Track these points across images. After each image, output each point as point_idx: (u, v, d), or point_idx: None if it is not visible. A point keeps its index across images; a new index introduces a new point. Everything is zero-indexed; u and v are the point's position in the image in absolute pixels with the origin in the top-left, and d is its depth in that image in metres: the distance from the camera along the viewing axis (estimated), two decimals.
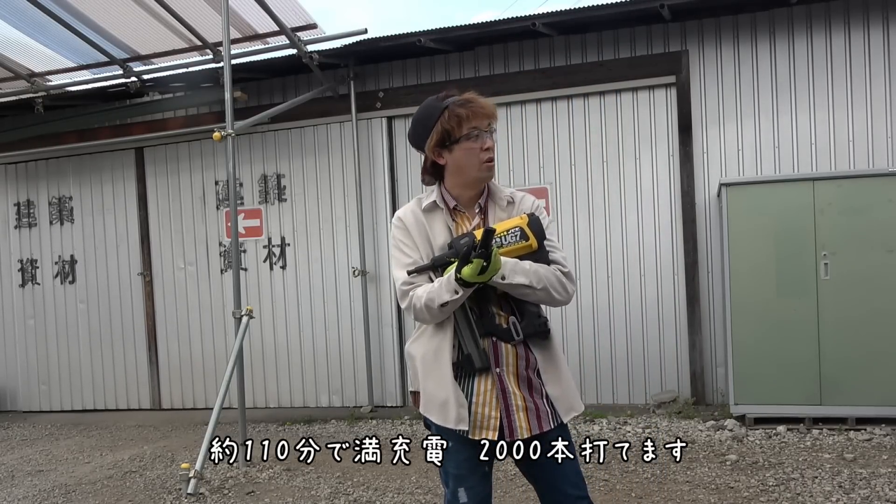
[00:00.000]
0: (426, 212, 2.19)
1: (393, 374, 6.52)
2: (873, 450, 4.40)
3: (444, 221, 2.16)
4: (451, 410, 2.07)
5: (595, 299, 5.97)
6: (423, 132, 2.14)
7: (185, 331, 7.12)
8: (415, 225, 2.18)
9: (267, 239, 6.81)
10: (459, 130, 2.08)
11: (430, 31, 5.75)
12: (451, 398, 2.08)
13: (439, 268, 2.08)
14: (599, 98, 5.96)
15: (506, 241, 2.04)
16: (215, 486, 4.55)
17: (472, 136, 2.09)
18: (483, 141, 2.10)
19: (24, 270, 7.63)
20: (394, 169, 6.48)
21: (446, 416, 2.09)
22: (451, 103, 2.09)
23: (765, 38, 5.59)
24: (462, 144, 2.09)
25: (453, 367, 2.09)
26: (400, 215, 2.22)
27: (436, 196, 2.20)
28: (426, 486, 4.28)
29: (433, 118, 2.11)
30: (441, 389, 2.10)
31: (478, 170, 2.12)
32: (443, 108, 2.09)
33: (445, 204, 2.18)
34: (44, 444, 6.17)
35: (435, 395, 2.12)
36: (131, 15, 5.90)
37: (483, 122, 2.11)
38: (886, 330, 4.75)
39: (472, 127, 2.08)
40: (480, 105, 2.10)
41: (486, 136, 2.11)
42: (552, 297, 2.10)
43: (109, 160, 7.30)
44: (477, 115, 2.09)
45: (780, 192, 4.96)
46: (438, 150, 2.13)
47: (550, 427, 2.10)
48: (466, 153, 2.10)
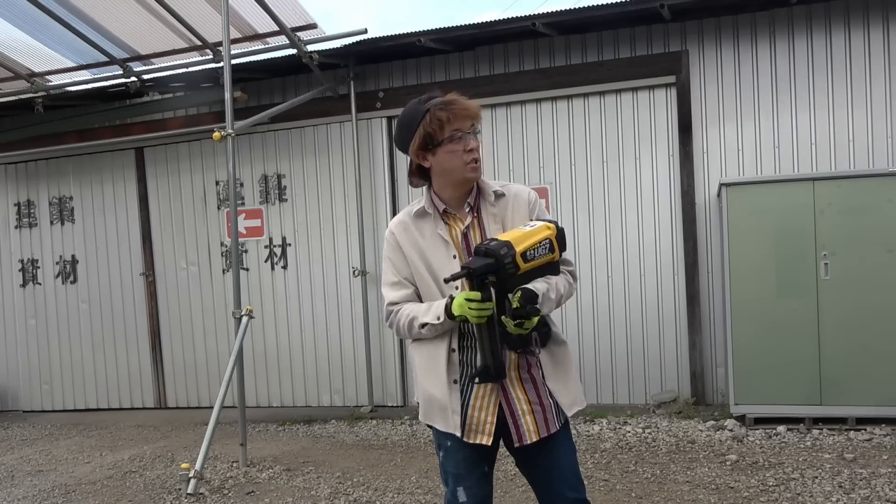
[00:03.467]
0: (417, 218, 2.19)
1: (393, 374, 6.52)
2: (873, 450, 4.40)
3: (434, 228, 2.16)
4: (447, 418, 2.10)
5: (595, 299, 5.97)
6: (406, 135, 2.12)
7: (189, 330, 7.12)
8: (406, 238, 2.18)
9: (268, 239, 6.82)
10: (441, 133, 2.06)
11: (429, 31, 5.75)
12: (448, 406, 2.10)
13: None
14: (599, 98, 5.96)
15: (536, 255, 1.96)
16: (215, 486, 4.56)
17: (454, 139, 2.07)
18: (466, 142, 2.08)
19: (24, 270, 7.64)
20: (394, 169, 6.48)
21: (445, 422, 2.11)
22: (432, 106, 2.07)
23: (765, 38, 5.58)
24: (445, 147, 2.08)
25: (450, 370, 2.11)
26: (392, 228, 2.22)
27: (425, 202, 2.19)
28: (426, 486, 4.28)
29: (416, 121, 2.09)
30: (440, 396, 2.11)
31: (462, 171, 2.11)
32: (424, 112, 2.07)
33: (435, 208, 2.17)
34: (44, 444, 6.17)
35: (433, 401, 2.14)
36: (131, 14, 5.91)
37: (465, 123, 2.08)
38: (886, 330, 4.74)
39: (454, 129, 2.06)
40: (462, 106, 2.08)
41: (468, 137, 2.09)
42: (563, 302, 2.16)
43: (110, 160, 7.30)
44: (459, 116, 2.07)
45: (780, 192, 4.95)
46: (422, 153, 2.12)
47: (557, 428, 2.12)
48: (450, 156, 2.08)
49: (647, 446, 4.80)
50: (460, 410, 2.09)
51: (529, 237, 1.95)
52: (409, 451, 5.10)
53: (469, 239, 2.15)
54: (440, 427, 2.13)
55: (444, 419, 2.11)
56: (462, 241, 2.15)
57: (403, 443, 5.32)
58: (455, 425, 2.09)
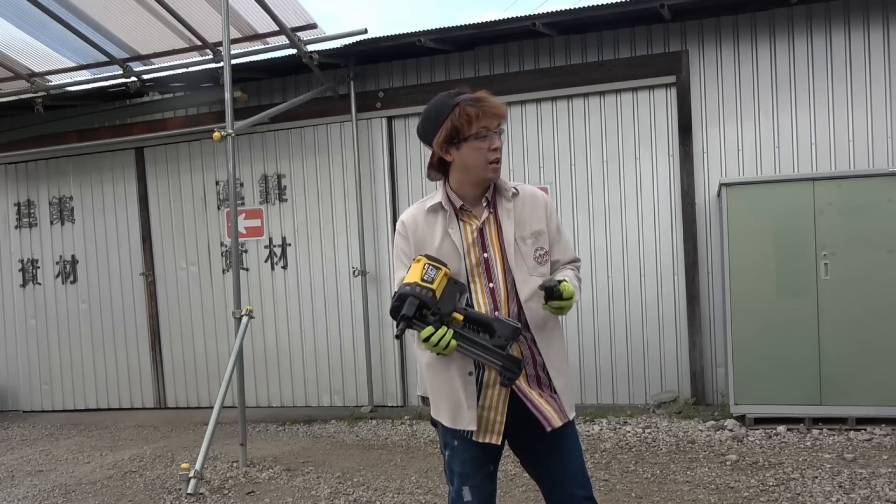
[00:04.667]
0: (430, 213, 2.18)
1: (393, 374, 6.52)
2: (873, 450, 4.40)
3: (447, 226, 2.15)
4: (461, 413, 2.09)
5: (595, 299, 5.97)
6: (432, 127, 2.12)
7: (189, 330, 7.13)
8: (415, 233, 2.18)
9: (268, 239, 6.82)
10: (469, 129, 2.07)
11: (429, 31, 5.75)
12: (463, 400, 2.09)
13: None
14: (599, 98, 5.96)
15: (432, 275, 2.00)
16: (215, 486, 4.56)
17: (480, 136, 2.08)
18: (491, 141, 2.09)
19: (24, 270, 7.64)
20: (394, 169, 6.48)
21: (455, 418, 2.11)
22: (462, 101, 2.07)
23: (765, 38, 5.58)
24: (470, 143, 2.08)
25: (464, 362, 2.10)
26: (404, 220, 2.22)
27: (441, 197, 2.18)
28: (426, 486, 4.28)
29: (443, 114, 2.09)
30: (451, 391, 2.11)
31: (483, 169, 2.12)
32: (454, 105, 2.08)
33: (452, 205, 2.17)
34: (44, 444, 6.17)
35: (443, 397, 2.13)
36: (131, 14, 5.91)
37: (493, 122, 2.09)
38: (886, 330, 4.74)
39: (481, 126, 2.07)
40: (491, 105, 2.09)
41: (494, 136, 2.10)
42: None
43: (110, 160, 7.30)
44: (487, 114, 2.07)
45: (780, 192, 4.95)
46: (446, 146, 2.11)
47: (567, 420, 2.13)
48: (474, 152, 2.09)
49: (647, 446, 4.80)
50: (476, 405, 2.09)
51: (413, 269, 2.02)
52: (409, 451, 5.10)
53: (485, 235, 2.15)
54: (448, 423, 2.13)
55: (456, 414, 2.10)
56: (478, 236, 2.14)
57: (403, 443, 5.32)
58: (471, 419, 2.08)
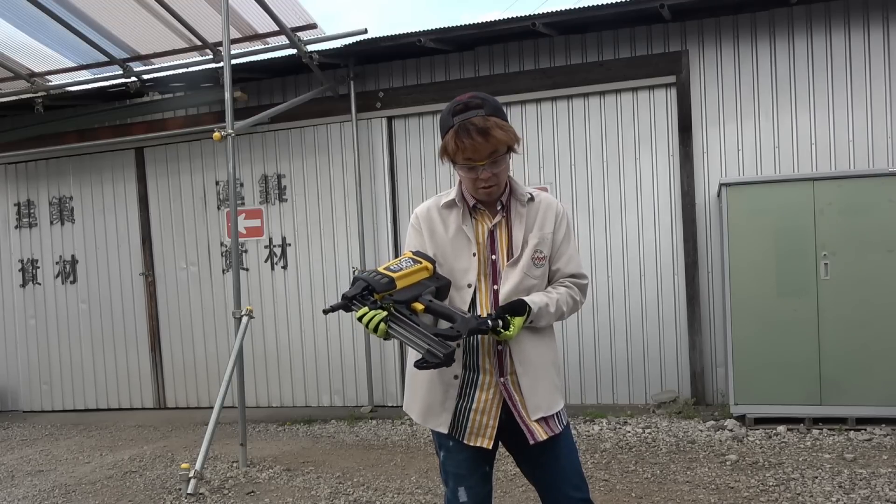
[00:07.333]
0: (444, 208, 2.18)
1: (393, 374, 6.52)
2: (873, 450, 4.40)
3: (460, 222, 2.14)
4: (433, 413, 2.11)
5: (595, 299, 5.96)
6: (441, 132, 2.11)
7: (189, 330, 7.12)
8: (428, 227, 2.17)
9: (268, 239, 6.81)
10: (456, 157, 2.04)
11: (429, 31, 5.75)
12: (438, 402, 2.11)
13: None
14: (599, 98, 5.96)
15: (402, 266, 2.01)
16: (215, 486, 4.56)
17: (466, 167, 2.05)
18: (477, 173, 2.04)
19: (24, 270, 7.63)
20: (394, 169, 6.48)
21: (426, 416, 2.13)
22: (456, 124, 2.00)
23: (765, 38, 5.58)
24: (460, 168, 2.08)
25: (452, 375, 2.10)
26: (418, 213, 2.22)
27: (455, 194, 2.18)
28: (426, 486, 4.28)
29: (443, 129, 2.08)
30: (429, 389, 2.13)
31: (475, 192, 2.12)
32: (449, 126, 2.04)
33: (465, 203, 2.17)
34: (44, 444, 6.17)
35: (418, 393, 2.16)
36: (131, 14, 5.90)
37: (478, 157, 2.02)
38: (886, 330, 4.75)
39: (466, 159, 2.03)
40: (472, 148, 1.98)
41: (481, 168, 2.03)
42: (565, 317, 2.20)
43: (109, 160, 7.30)
44: (467, 152, 2.00)
45: (780, 192, 4.95)
46: (446, 159, 2.10)
47: (560, 429, 2.13)
48: (464, 175, 2.09)
49: (647, 446, 4.80)
50: (454, 408, 2.10)
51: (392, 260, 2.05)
52: (409, 451, 5.10)
53: (494, 237, 2.14)
54: (418, 420, 2.16)
55: (428, 413, 2.13)
56: (488, 237, 2.14)
57: (403, 443, 5.32)
58: (444, 422, 2.10)
